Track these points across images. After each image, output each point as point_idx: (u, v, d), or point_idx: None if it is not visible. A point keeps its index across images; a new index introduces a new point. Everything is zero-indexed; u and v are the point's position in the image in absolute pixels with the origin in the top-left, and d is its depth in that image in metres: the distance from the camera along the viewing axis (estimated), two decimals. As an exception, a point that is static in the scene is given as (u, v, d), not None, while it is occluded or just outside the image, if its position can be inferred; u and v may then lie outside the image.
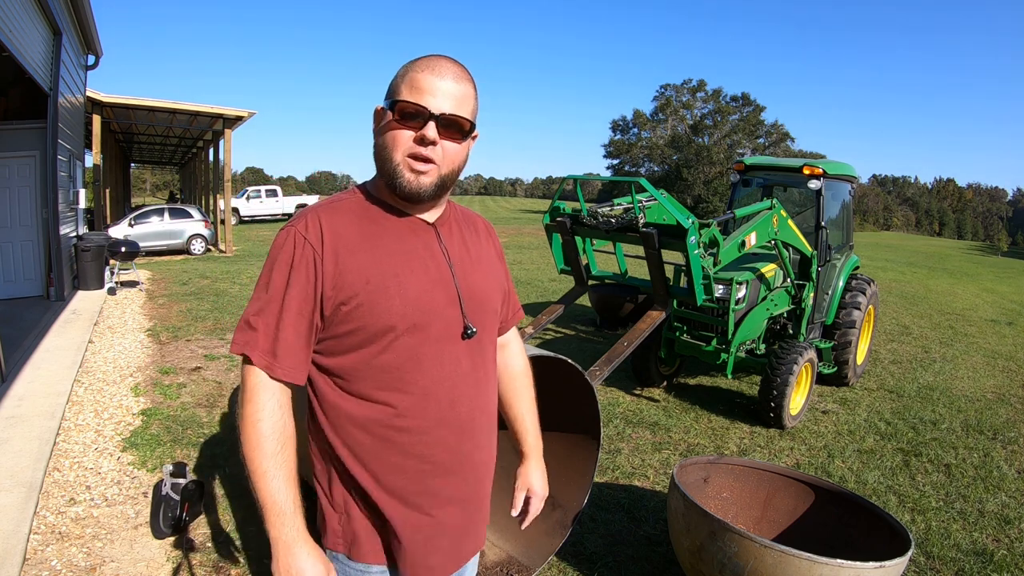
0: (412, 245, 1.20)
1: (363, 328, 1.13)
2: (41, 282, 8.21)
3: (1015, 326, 10.13)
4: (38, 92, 7.65)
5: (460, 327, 1.20)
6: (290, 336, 1.12)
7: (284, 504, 1.09)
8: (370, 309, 1.12)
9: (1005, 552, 3.18)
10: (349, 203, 1.21)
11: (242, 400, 1.13)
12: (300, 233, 1.14)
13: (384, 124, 1.16)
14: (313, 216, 1.16)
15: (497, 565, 2.76)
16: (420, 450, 1.17)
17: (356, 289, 1.12)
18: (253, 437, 1.10)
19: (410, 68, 1.16)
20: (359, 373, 1.15)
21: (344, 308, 1.13)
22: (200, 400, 4.76)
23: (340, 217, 1.17)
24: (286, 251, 1.14)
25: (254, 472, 1.09)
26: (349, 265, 1.13)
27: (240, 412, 1.13)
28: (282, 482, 1.10)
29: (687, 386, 5.70)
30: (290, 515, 1.09)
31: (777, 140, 48.93)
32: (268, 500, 1.09)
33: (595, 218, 4.33)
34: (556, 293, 10.13)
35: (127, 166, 30.72)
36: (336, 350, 1.16)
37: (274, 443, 1.10)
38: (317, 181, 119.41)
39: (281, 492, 1.09)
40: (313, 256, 1.12)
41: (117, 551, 2.82)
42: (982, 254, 36.29)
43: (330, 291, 1.12)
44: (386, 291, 1.13)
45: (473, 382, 1.23)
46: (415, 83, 1.13)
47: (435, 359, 1.17)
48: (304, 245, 1.13)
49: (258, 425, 1.10)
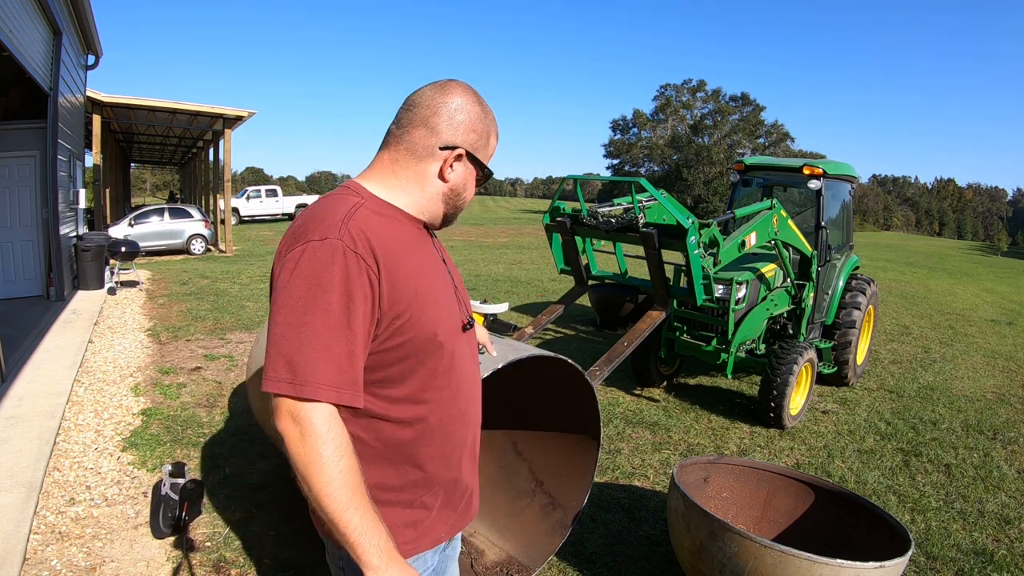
0: (428, 249, 1.24)
1: (412, 339, 1.13)
2: (41, 282, 8.21)
3: (1015, 326, 10.13)
4: (38, 92, 7.65)
5: (462, 320, 1.28)
6: (362, 363, 1.07)
7: (376, 534, 1.03)
8: (419, 320, 1.13)
9: (1005, 552, 3.18)
10: (370, 207, 1.15)
11: (303, 441, 1.00)
12: (350, 248, 1.04)
13: (465, 172, 1.23)
14: (355, 226, 1.07)
15: (497, 565, 2.76)
16: (456, 436, 1.25)
17: (408, 302, 1.11)
18: (334, 478, 1.00)
19: (493, 126, 1.26)
20: (406, 380, 1.15)
21: (397, 323, 1.11)
22: (200, 400, 4.76)
23: (375, 223, 1.12)
24: (334, 268, 1.03)
25: (339, 513, 1.00)
26: (398, 278, 1.10)
27: (302, 454, 1.00)
28: (371, 515, 1.03)
29: (687, 386, 5.70)
30: (383, 541, 1.03)
31: (777, 140, 48.96)
32: (357, 536, 1.01)
33: (595, 218, 4.33)
34: (556, 293, 10.13)
35: (127, 166, 30.73)
36: (381, 364, 1.12)
37: (353, 478, 1.02)
38: (317, 181, 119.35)
39: (369, 524, 1.03)
40: (368, 273, 1.05)
41: (117, 551, 2.82)
42: (982, 254, 36.30)
43: (387, 305, 1.08)
44: (427, 298, 1.15)
45: (475, 366, 1.34)
46: (492, 146, 1.27)
47: (460, 354, 1.24)
48: (358, 262, 1.04)
49: (339, 463, 1.01)
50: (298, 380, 1.00)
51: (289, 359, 1.00)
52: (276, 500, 3.31)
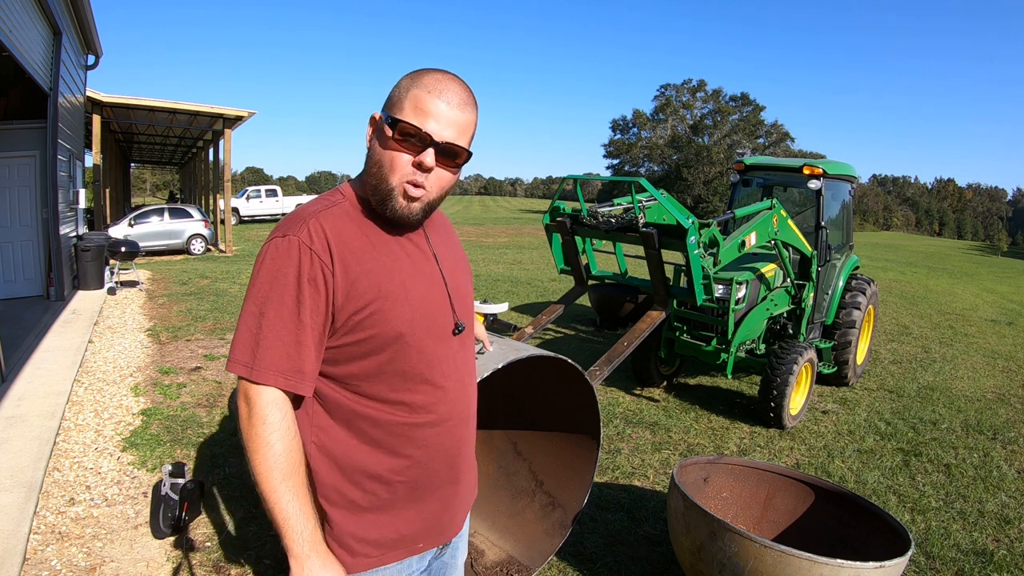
0: (409, 249, 1.21)
1: (374, 336, 1.13)
2: (41, 282, 8.21)
3: (1015, 326, 10.13)
4: (38, 92, 7.65)
5: (452, 324, 1.25)
6: (311, 351, 1.09)
7: (301, 520, 1.07)
8: (382, 317, 1.12)
9: (1005, 552, 3.18)
10: (344, 207, 1.16)
11: (249, 420, 1.07)
12: (304, 243, 1.08)
13: (383, 139, 1.12)
14: (315, 224, 1.10)
15: (497, 565, 2.75)
16: (435, 441, 1.22)
17: (368, 299, 1.11)
18: (268, 458, 1.06)
19: (415, 84, 1.11)
20: (371, 378, 1.15)
21: (355, 318, 1.11)
22: (200, 400, 4.76)
23: (341, 223, 1.13)
24: (290, 263, 1.08)
25: (269, 492, 1.06)
26: (359, 274, 1.11)
27: (247, 432, 1.08)
28: (299, 501, 1.08)
29: (687, 386, 5.70)
30: (309, 531, 1.08)
31: (777, 140, 48.98)
32: (283, 519, 1.06)
33: (595, 218, 4.33)
34: (556, 293, 10.13)
35: (127, 166, 30.72)
36: (345, 358, 1.14)
37: (287, 462, 1.07)
38: (317, 181, 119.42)
39: (299, 512, 1.07)
40: (322, 268, 1.08)
41: (117, 551, 2.82)
42: (982, 254, 36.29)
43: (341, 301, 1.10)
44: (395, 299, 1.13)
45: (467, 372, 1.31)
46: (419, 104, 1.09)
47: (439, 357, 1.21)
48: (311, 257, 1.07)
49: (274, 446, 1.06)
50: (252, 364, 1.07)
51: (248, 344, 1.08)
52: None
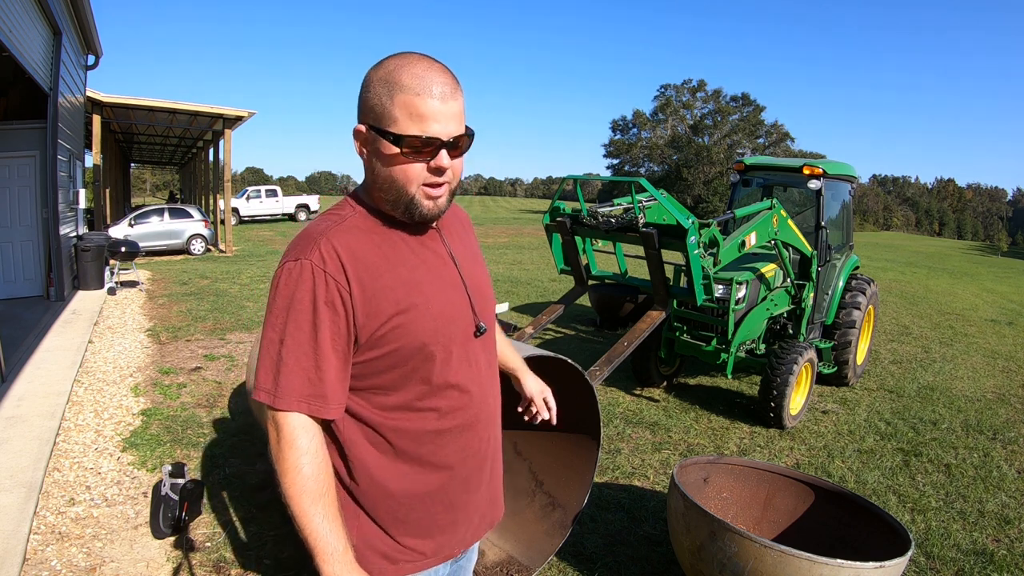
0: (425, 255, 1.19)
1: (398, 349, 1.12)
2: (41, 282, 8.21)
3: (1015, 326, 10.13)
4: (38, 92, 7.65)
5: (473, 327, 1.24)
6: (332, 375, 1.09)
7: (332, 541, 1.07)
8: (405, 331, 1.12)
9: (1005, 552, 3.18)
10: (354, 220, 1.15)
11: (278, 445, 1.09)
12: (318, 267, 1.07)
13: (388, 157, 1.08)
14: (326, 244, 1.09)
15: (497, 565, 2.75)
16: (464, 444, 1.23)
17: (388, 314, 1.11)
18: (298, 482, 1.06)
19: (398, 88, 1.05)
20: (397, 388, 1.15)
21: (378, 333, 1.11)
22: (200, 400, 4.76)
23: (353, 238, 1.12)
24: (304, 288, 1.07)
25: (300, 514, 1.06)
26: (376, 290, 1.10)
27: (277, 456, 1.09)
28: (330, 522, 1.08)
29: (687, 386, 5.70)
30: (340, 550, 1.08)
31: (777, 140, 48.96)
32: (315, 539, 1.06)
33: (595, 218, 4.33)
34: (556, 293, 10.13)
35: (127, 166, 30.72)
36: (370, 372, 1.14)
37: (316, 484, 1.08)
38: (317, 181, 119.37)
39: (330, 532, 1.07)
40: (339, 290, 1.07)
41: (117, 551, 2.82)
42: (982, 254, 36.28)
43: (362, 319, 1.10)
44: (417, 311, 1.13)
45: (491, 374, 1.31)
46: (413, 109, 1.05)
47: (463, 361, 1.21)
48: (326, 280, 1.07)
49: (303, 470, 1.07)
50: (275, 391, 1.08)
51: (270, 372, 1.09)
52: (276, 500, 3.30)
